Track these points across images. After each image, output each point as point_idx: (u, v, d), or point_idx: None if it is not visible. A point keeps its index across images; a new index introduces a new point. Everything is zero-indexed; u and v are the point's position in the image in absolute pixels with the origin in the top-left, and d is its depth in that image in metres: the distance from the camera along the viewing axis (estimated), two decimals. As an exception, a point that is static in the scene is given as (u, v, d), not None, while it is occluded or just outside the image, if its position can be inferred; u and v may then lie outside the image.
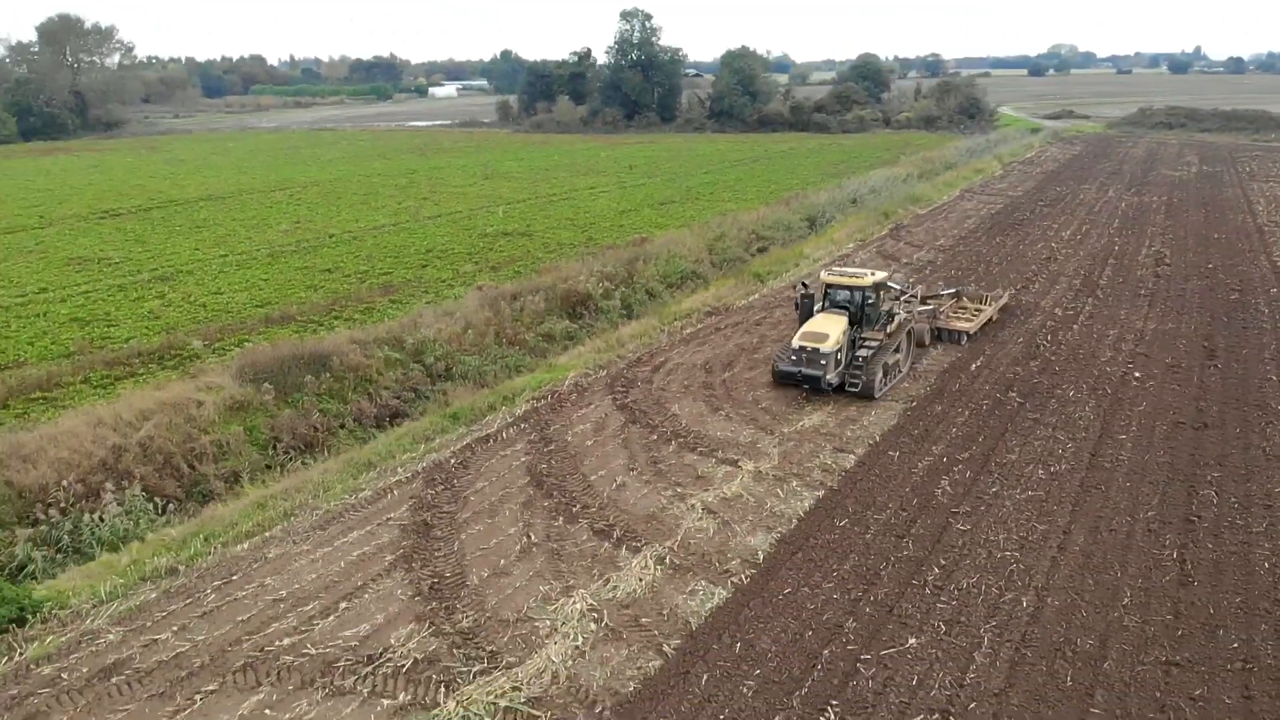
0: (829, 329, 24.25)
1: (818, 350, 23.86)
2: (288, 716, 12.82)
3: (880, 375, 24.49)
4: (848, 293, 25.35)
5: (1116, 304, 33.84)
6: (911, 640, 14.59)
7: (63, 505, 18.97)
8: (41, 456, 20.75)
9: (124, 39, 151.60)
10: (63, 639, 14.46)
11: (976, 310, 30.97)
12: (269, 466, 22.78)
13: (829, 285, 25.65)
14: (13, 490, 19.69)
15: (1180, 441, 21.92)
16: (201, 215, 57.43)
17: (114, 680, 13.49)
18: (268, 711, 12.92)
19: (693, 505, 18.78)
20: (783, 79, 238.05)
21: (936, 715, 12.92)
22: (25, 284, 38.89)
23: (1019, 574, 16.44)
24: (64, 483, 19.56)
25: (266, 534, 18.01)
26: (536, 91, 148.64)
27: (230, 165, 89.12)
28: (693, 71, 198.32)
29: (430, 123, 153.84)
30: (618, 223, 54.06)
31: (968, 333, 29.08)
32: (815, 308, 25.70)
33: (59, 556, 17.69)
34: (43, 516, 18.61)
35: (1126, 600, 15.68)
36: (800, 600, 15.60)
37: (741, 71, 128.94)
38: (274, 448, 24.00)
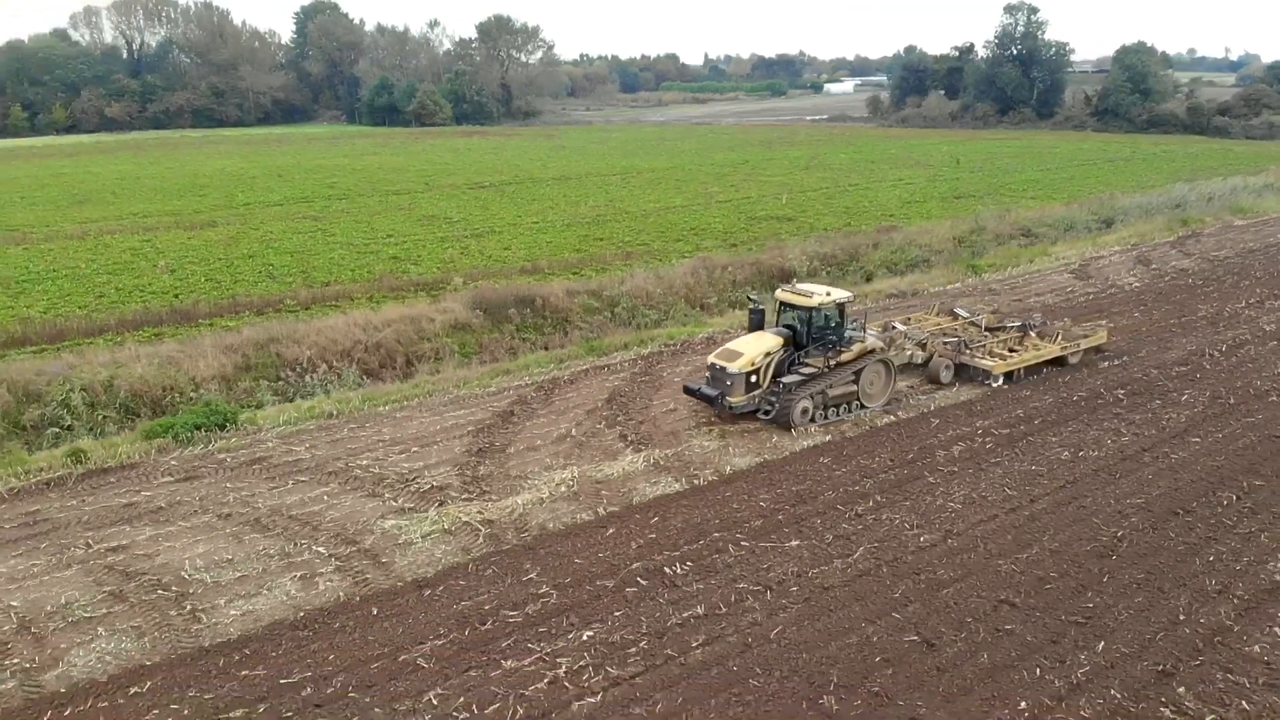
0: (746, 349, 22.58)
1: (724, 369, 22.36)
2: (335, 501, 19.00)
3: (806, 405, 22.38)
4: (796, 312, 23.32)
5: (1355, 327, 30.34)
6: (793, 541, 17.35)
7: (299, 370, 27.16)
8: (305, 340, 29.29)
9: (546, 38, 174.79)
10: (240, 441, 22.03)
11: (1034, 348, 26.58)
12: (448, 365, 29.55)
13: (781, 302, 23.74)
14: (279, 359, 28.29)
15: (1255, 453, 21.08)
16: (542, 191, 67.77)
17: (253, 467, 20.65)
18: (325, 497, 19.20)
19: (711, 430, 22.33)
20: (1229, 79, 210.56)
21: (759, 588, 15.86)
22: (379, 231, 50.39)
23: (944, 520, 18.16)
24: (307, 356, 27.82)
25: (406, 403, 24.62)
26: (909, 86, 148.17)
27: (599, 152, 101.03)
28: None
29: (809, 118, 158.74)
30: (890, 212, 55.59)
31: (992, 373, 25.22)
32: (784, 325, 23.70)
33: (280, 400, 25.62)
34: (283, 376, 26.90)
35: (1026, 556, 16.92)
36: (728, 501, 18.85)
37: (1133, 68, 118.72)
38: (472, 359, 30.89)
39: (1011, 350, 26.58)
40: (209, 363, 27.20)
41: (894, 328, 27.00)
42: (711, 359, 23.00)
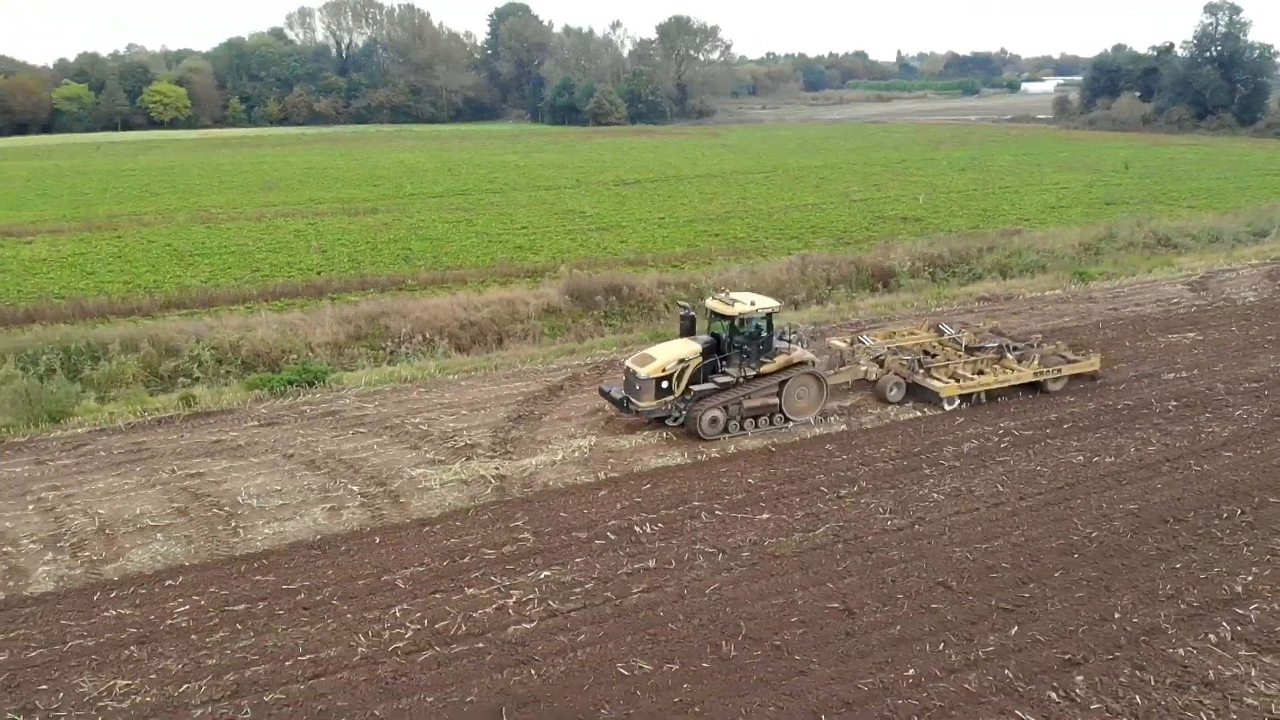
0: (661, 355, 22.63)
1: (635, 374, 22.36)
2: (381, 450, 21.82)
3: (716, 415, 22.21)
4: (721, 320, 22.92)
5: None
6: (765, 514, 18.63)
7: (397, 341, 30.50)
8: (410, 315, 32.69)
9: (724, 37, 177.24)
10: (322, 396, 25.35)
11: (1002, 370, 25.25)
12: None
13: (709, 310, 23.48)
14: (385, 331, 31.79)
15: (1284, 470, 20.40)
16: (680, 189, 69.76)
17: (325, 418, 23.85)
18: (375, 446, 22.07)
19: (732, 412, 23.69)
20: None
21: (714, 550, 17.31)
22: (516, 223, 53.99)
23: (920, 509, 18.88)
24: (405, 330, 31.15)
25: (474, 373, 27.36)
26: (1100, 87, 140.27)
27: (758, 150, 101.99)
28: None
29: (994, 118, 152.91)
30: (1028, 216, 54.17)
31: (942, 394, 24.06)
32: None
33: (371, 365, 28.95)
34: (382, 345, 30.31)
35: (986, 546, 17.48)
36: (721, 476, 20.28)
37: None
38: (557, 339, 33.39)
39: (980, 372, 25.26)
40: (325, 330, 30.99)
41: (860, 341, 26.74)
42: (627, 363, 23.17)
